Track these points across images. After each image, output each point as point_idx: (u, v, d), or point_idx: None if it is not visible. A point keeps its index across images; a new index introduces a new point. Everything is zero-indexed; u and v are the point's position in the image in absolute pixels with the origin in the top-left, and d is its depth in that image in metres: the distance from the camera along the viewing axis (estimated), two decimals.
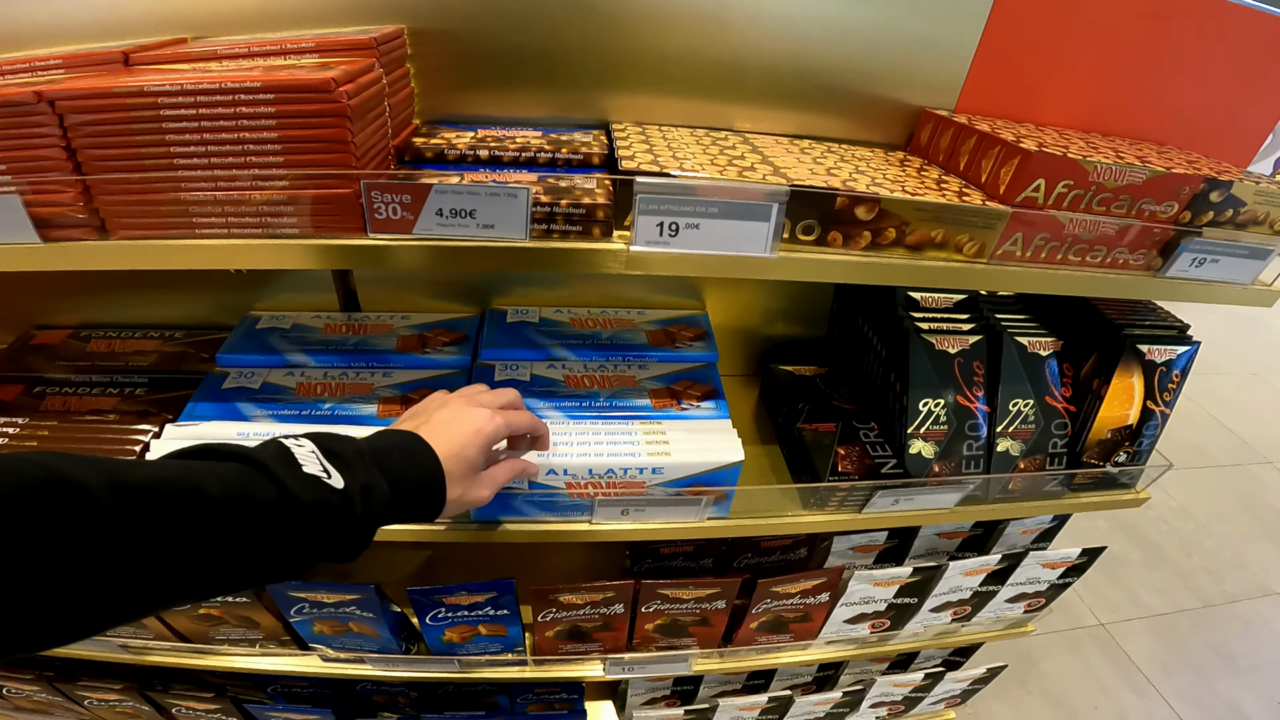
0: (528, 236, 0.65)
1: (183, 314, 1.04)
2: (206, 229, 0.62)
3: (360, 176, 0.60)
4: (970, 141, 0.80)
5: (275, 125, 0.57)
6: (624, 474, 0.79)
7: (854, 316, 1.09)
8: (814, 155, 0.81)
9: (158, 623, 1.00)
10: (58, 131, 0.57)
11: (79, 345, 0.97)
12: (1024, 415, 0.95)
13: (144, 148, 0.58)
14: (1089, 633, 2.42)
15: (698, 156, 0.74)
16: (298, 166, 0.59)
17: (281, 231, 0.63)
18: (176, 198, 0.60)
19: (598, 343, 0.96)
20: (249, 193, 0.60)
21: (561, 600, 0.99)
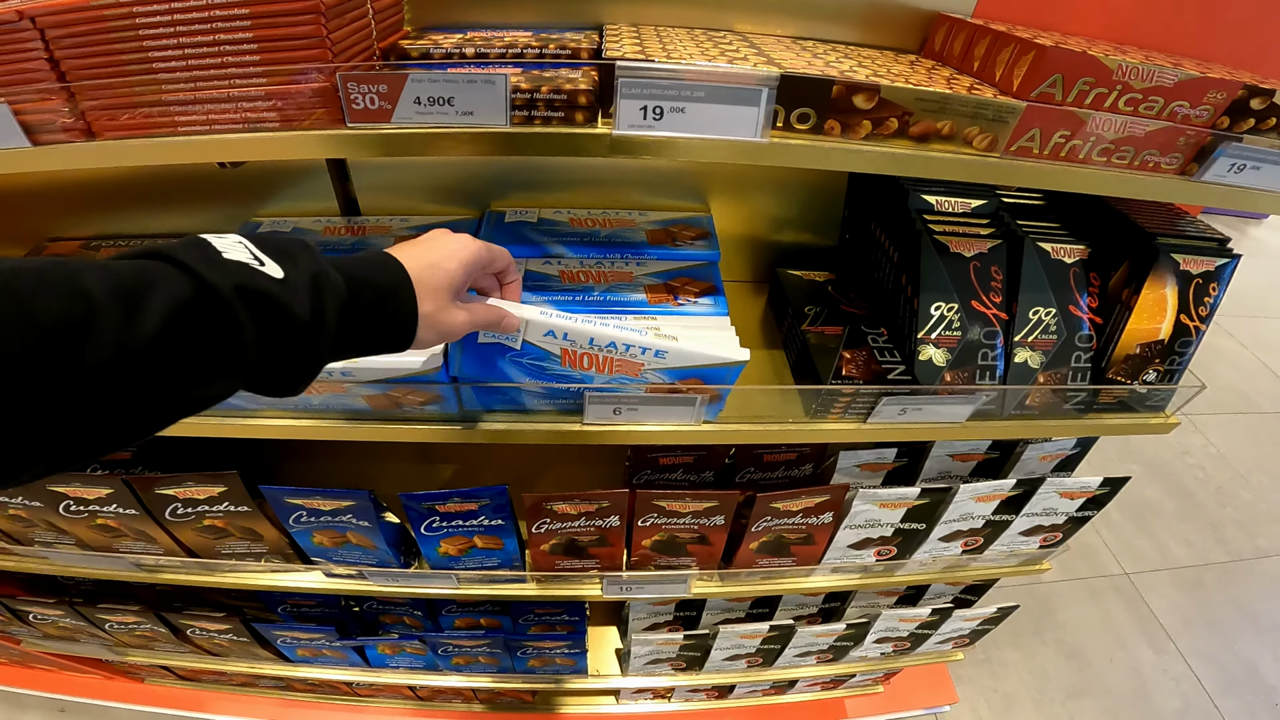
0: (508, 123, 0.68)
1: (190, 224, 1.11)
2: (188, 127, 0.68)
3: (336, 68, 0.65)
4: (984, 42, 0.80)
5: (250, 26, 0.62)
6: (625, 350, 0.80)
7: (866, 221, 1.10)
8: (815, 53, 0.83)
9: (165, 536, 1.11)
10: (40, 46, 0.64)
11: (88, 255, 1.04)
12: (1045, 325, 0.97)
13: (123, 55, 0.64)
14: (1111, 582, 2.48)
15: (689, 49, 0.76)
16: (275, 64, 0.64)
17: (262, 126, 0.68)
18: (158, 99, 0.66)
19: (595, 240, 1.01)
20: (227, 90, 0.66)
21: (555, 510, 1.06)
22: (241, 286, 0.42)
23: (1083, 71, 0.70)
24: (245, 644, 1.40)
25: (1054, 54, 0.69)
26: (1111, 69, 0.70)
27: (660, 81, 0.65)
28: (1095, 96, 0.72)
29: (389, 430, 0.91)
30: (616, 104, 0.67)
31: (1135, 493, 2.78)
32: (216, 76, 0.65)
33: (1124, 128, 0.73)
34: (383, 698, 1.77)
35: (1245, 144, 0.74)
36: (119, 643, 1.48)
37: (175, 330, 0.39)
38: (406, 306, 0.57)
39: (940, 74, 0.81)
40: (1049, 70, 0.70)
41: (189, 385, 0.42)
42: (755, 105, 0.67)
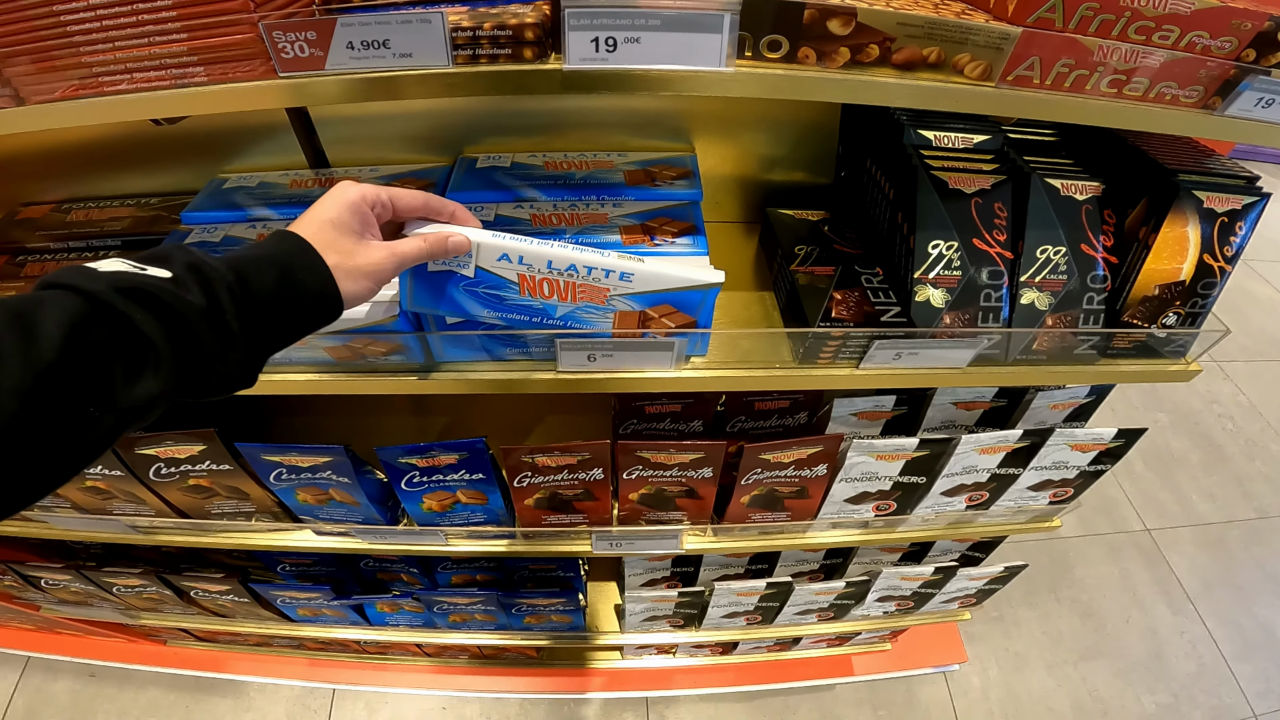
0: (451, 63, 0.66)
1: (159, 185, 1.13)
2: (114, 87, 0.68)
3: (259, 19, 0.63)
4: None
5: None
6: (588, 273, 0.77)
7: (861, 158, 1.06)
8: None
9: (153, 496, 1.14)
10: None
11: (60, 216, 1.06)
12: (1054, 264, 0.93)
13: (35, 20, 0.64)
14: (1132, 538, 2.46)
15: None
16: (192, 19, 0.63)
17: (190, 81, 0.67)
18: (78, 61, 0.66)
19: (571, 183, 0.98)
20: (148, 48, 0.65)
21: (536, 463, 1.07)
22: (125, 288, 0.45)
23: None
24: (247, 604, 1.46)
25: None
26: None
27: (610, 10, 0.62)
28: (1101, 23, 0.68)
29: (355, 383, 0.92)
30: (565, 36, 0.64)
31: (1160, 442, 2.74)
32: (135, 36, 0.64)
33: (1134, 57, 0.69)
34: (393, 654, 1.84)
35: (1275, 78, 0.69)
36: (129, 605, 1.55)
37: (76, 341, 0.42)
38: (310, 263, 0.58)
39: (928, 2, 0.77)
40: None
41: (113, 390, 0.44)
42: (717, 32, 0.64)
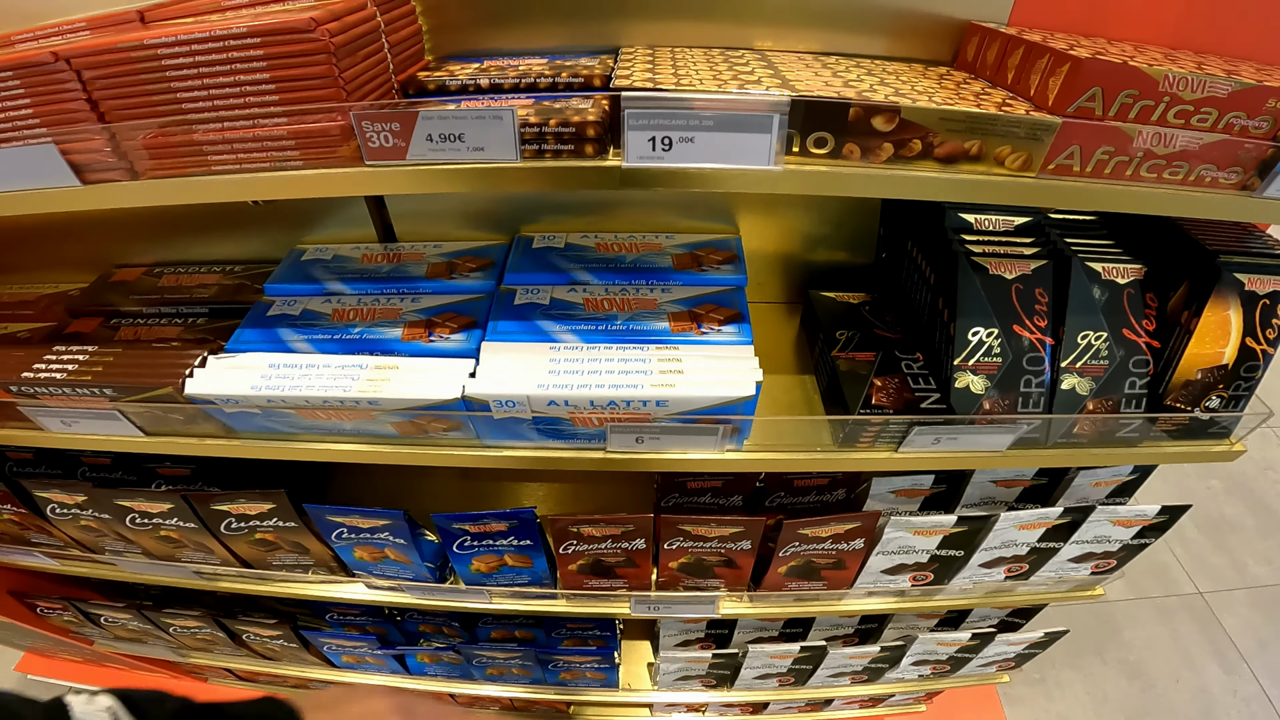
0: (519, 157, 0.66)
1: (243, 250, 1.15)
2: (220, 165, 0.69)
3: (350, 108, 0.64)
4: (1018, 53, 0.74)
5: (266, 67, 0.63)
6: (626, 406, 0.81)
7: (902, 239, 1.03)
8: (836, 70, 0.78)
9: (221, 547, 1.14)
10: (79, 86, 0.66)
11: (152, 280, 1.10)
12: (1095, 349, 0.89)
13: (154, 95, 0.66)
14: (1183, 601, 2.31)
15: (701, 73, 0.73)
16: (292, 104, 0.65)
17: (286, 164, 0.69)
18: (190, 139, 0.67)
19: (621, 266, 0.98)
20: (252, 130, 0.66)
21: (582, 532, 1.04)
22: None
23: (1125, 84, 0.63)
24: (295, 650, 1.44)
25: (1090, 66, 0.62)
26: (1157, 80, 0.63)
27: (666, 111, 0.62)
28: (1141, 110, 0.65)
29: (418, 454, 0.91)
30: (624, 135, 0.64)
31: (1214, 509, 2.59)
32: (241, 116, 0.66)
33: (1173, 141, 0.66)
34: (425, 702, 1.77)
35: None
36: (182, 645, 1.55)
37: None
38: None
39: (970, 89, 0.75)
40: (1086, 83, 0.64)
41: None
42: (766, 132, 0.63)
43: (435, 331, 0.89)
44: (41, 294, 1.15)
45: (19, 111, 0.68)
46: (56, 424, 0.93)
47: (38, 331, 1.01)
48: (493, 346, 0.86)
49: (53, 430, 0.94)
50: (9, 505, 1.10)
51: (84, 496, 1.05)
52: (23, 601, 1.42)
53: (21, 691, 0.49)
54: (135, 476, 1.17)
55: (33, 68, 0.64)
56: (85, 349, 0.92)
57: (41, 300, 1.12)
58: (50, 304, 1.10)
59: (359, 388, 0.82)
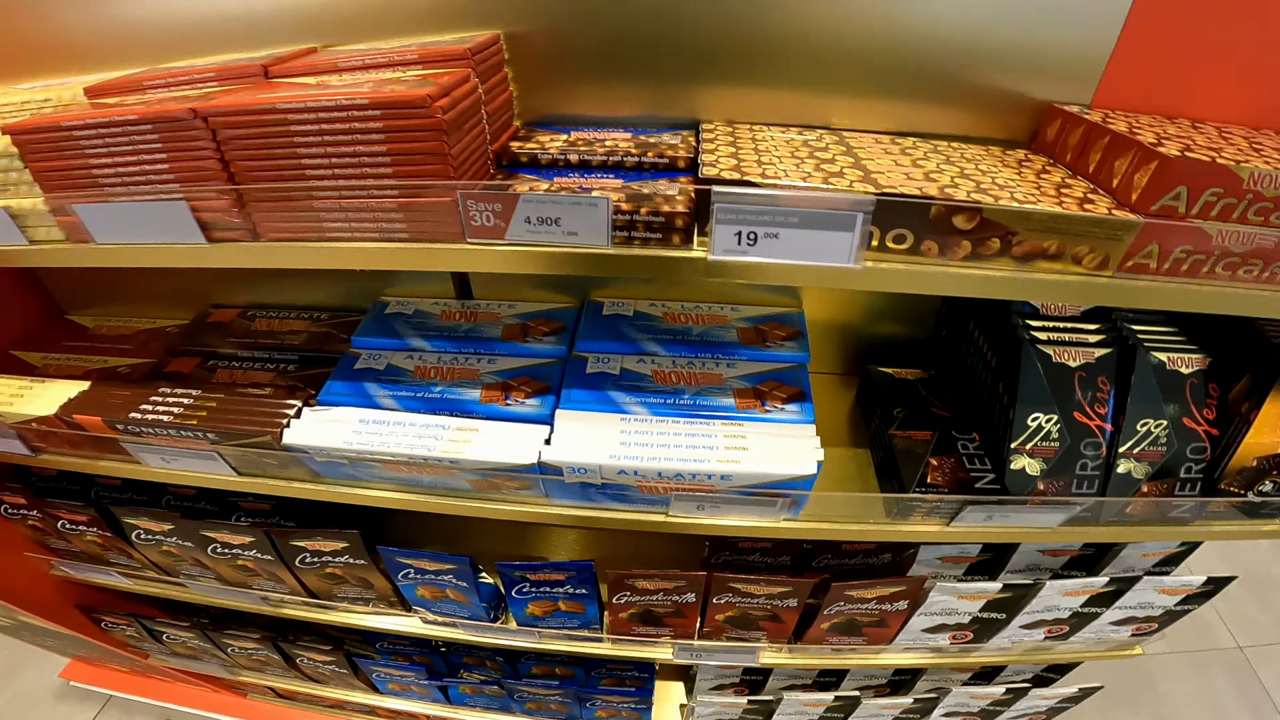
0: (609, 243, 0.68)
1: (328, 297, 1.19)
2: (334, 233, 0.72)
3: (458, 187, 0.66)
4: (1102, 142, 0.73)
5: (383, 139, 0.65)
6: (692, 478, 0.83)
7: (964, 319, 1.04)
8: (915, 156, 0.78)
9: (292, 579, 1.18)
10: (213, 145, 0.68)
11: (245, 324, 1.15)
12: (1154, 436, 0.88)
13: (281, 158, 0.68)
14: (1221, 655, 2.23)
15: (784, 161, 0.74)
16: (405, 178, 0.67)
17: (394, 235, 0.71)
18: (309, 204, 0.70)
19: (688, 339, 1.00)
20: (365, 200, 0.69)
21: (637, 585, 1.06)
22: None
23: (1211, 182, 0.63)
24: (345, 675, 1.47)
25: (1178, 165, 0.62)
26: (1243, 178, 0.62)
27: (754, 208, 0.63)
28: (1223, 208, 0.64)
29: (488, 509, 0.94)
30: (712, 229, 0.65)
31: (1260, 567, 2.51)
32: (358, 187, 0.68)
33: (1252, 240, 0.65)
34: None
35: None
36: (235, 664, 1.58)
37: None
38: None
39: (1050, 179, 0.74)
40: (1173, 182, 0.63)
41: None
42: (850, 230, 0.64)
43: (511, 395, 0.92)
44: (139, 329, 1.20)
45: (154, 165, 0.69)
46: (156, 460, 0.98)
47: (138, 368, 1.07)
48: (567, 415, 0.89)
49: (151, 465, 0.99)
50: (95, 529, 1.15)
51: (171, 526, 1.10)
52: (89, 615, 1.47)
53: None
54: (217, 507, 1.22)
55: (172, 122, 0.66)
56: (189, 393, 0.97)
57: (140, 335, 1.18)
58: (148, 340, 1.16)
59: (442, 447, 0.85)
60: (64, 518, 1.15)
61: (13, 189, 0.76)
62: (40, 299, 1.27)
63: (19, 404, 0.98)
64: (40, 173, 0.72)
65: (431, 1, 0.80)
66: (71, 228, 0.75)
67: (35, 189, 0.74)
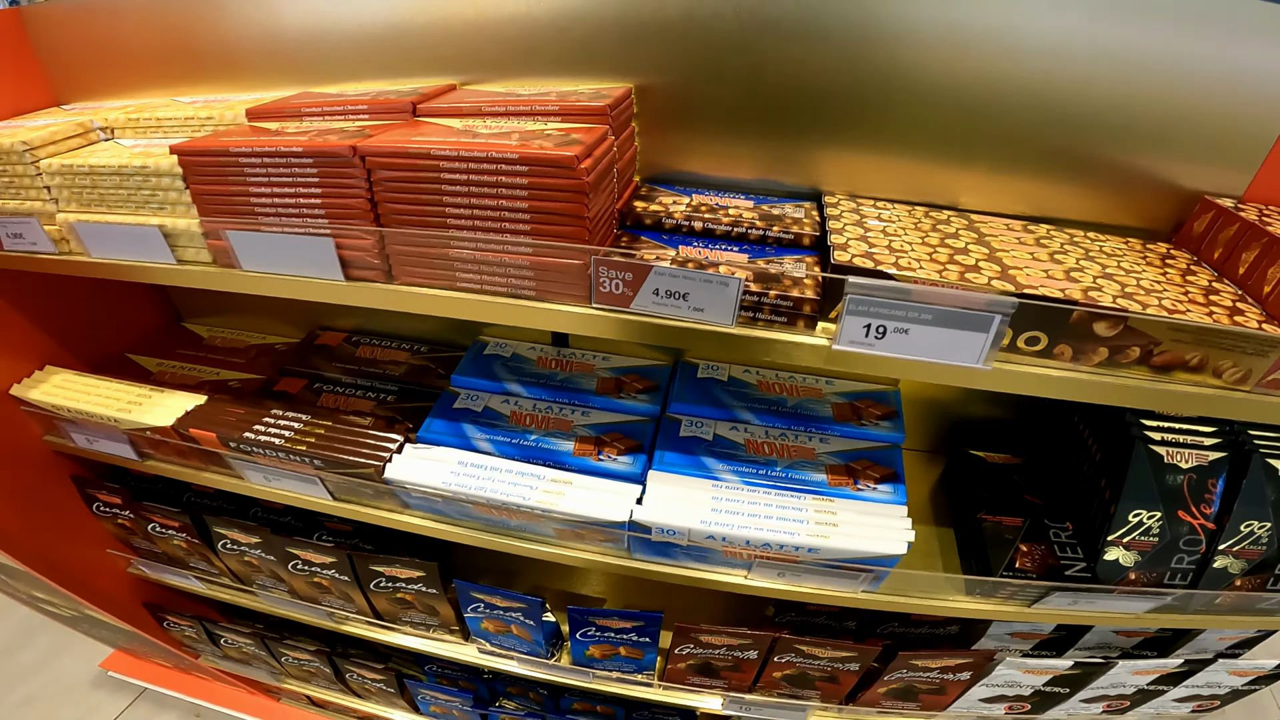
0: (734, 323, 0.66)
1: (430, 328, 1.19)
2: (465, 283, 0.70)
3: (590, 251, 0.65)
4: (1257, 246, 0.68)
5: (526, 195, 0.64)
6: (780, 549, 0.81)
7: (1068, 409, 0.99)
8: (1051, 249, 0.74)
9: (363, 600, 1.17)
10: (364, 184, 0.67)
11: (350, 349, 1.16)
12: (1257, 537, 0.84)
13: (426, 204, 0.67)
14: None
15: (916, 248, 0.71)
16: (542, 236, 0.66)
17: (522, 292, 0.69)
18: (446, 252, 0.69)
19: (782, 409, 0.97)
20: (500, 254, 0.67)
21: (701, 639, 1.04)
22: None
23: None
24: (391, 694, 1.46)
25: None
26: None
27: (890, 300, 0.60)
28: None
29: (571, 557, 0.93)
30: (841, 319, 0.62)
31: None
32: (494, 240, 0.66)
33: None
34: None
35: None
36: (285, 673, 1.58)
37: None
38: None
39: (1197, 281, 0.70)
40: None
41: None
42: (984, 331, 0.60)
43: (604, 451, 0.91)
44: (251, 343, 1.23)
45: (309, 198, 0.69)
46: (259, 478, 0.99)
47: (248, 384, 1.09)
48: (659, 476, 0.88)
49: (253, 482, 1.01)
50: (185, 534, 1.17)
51: (259, 539, 1.11)
52: (154, 613, 1.48)
53: None
54: (301, 524, 1.23)
55: (333, 158, 0.65)
56: (299, 416, 0.98)
57: (250, 350, 1.20)
58: (258, 356, 1.18)
59: (537, 498, 0.85)
60: (157, 521, 1.17)
61: (170, 208, 0.76)
62: (160, 306, 1.30)
63: (136, 411, 1.00)
64: (200, 195, 0.73)
65: (569, 51, 0.80)
66: (220, 251, 0.76)
67: (191, 210, 0.74)
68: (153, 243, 0.77)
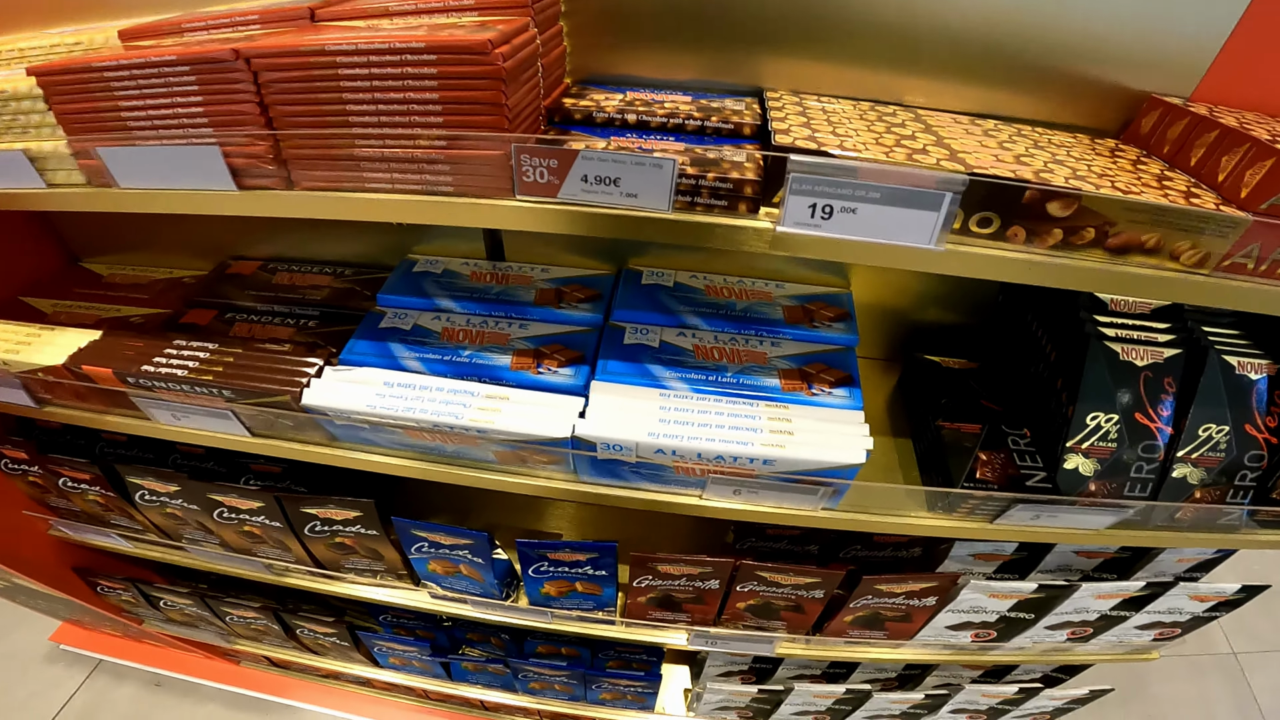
0: (670, 208, 0.63)
1: (354, 251, 1.14)
2: (374, 184, 0.66)
3: (512, 140, 0.61)
4: (1209, 136, 0.68)
5: (436, 86, 0.60)
6: (734, 461, 0.79)
7: (1023, 310, 0.99)
8: (1000, 139, 0.73)
9: (300, 547, 1.13)
10: (253, 88, 0.63)
11: (266, 277, 1.09)
12: (1215, 442, 0.84)
13: (325, 104, 0.63)
14: (1217, 660, 2.26)
15: (861, 134, 0.69)
16: (455, 127, 0.62)
17: (438, 188, 0.66)
18: (351, 153, 0.65)
19: (731, 314, 0.94)
20: (411, 151, 0.63)
21: (660, 570, 1.02)
22: None
23: None
24: (345, 648, 1.43)
25: None
26: None
27: (835, 179, 0.58)
28: None
29: (513, 483, 0.89)
30: (785, 199, 0.60)
31: (1261, 574, 2.52)
32: (404, 135, 0.63)
33: None
34: (452, 704, 1.77)
35: None
36: (232, 633, 1.54)
37: None
38: None
39: (1148, 170, 0.69)
40: None
41: None
42: (935, 210, 0.59)
43: (544, 363, 0.87)
44: (156, 278, 1.15)
45: (189, 108, 0.65)
46: (167, 416, 0.93)
47: (152, 319, 1.01)
48: (602, 387, 0.84)
49: (162, 422, 0.94)
50: (98, 487, 1.11)
51: (177, 487, 1.05)
52: (84, 578, 1.42)
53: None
54: (226, 469, 1.17)
55: (211, 64, 0.61)
56: (205, 345, 0.92)
57: (156, 285, 1.12)
58: (165, 290, 1.10)
59: (470, 416, 0.80)
60: (66, 475, 1.10)
61: (34, 131, 0.73)
62: (53, 244, 1.21)
63: (26, 352, 0.92)
64: (64, 115, 0.68)
65: None
66: (94, 171, 0.72)
67: (58, 132, 0.70)
68: (19, 168, 0.73)
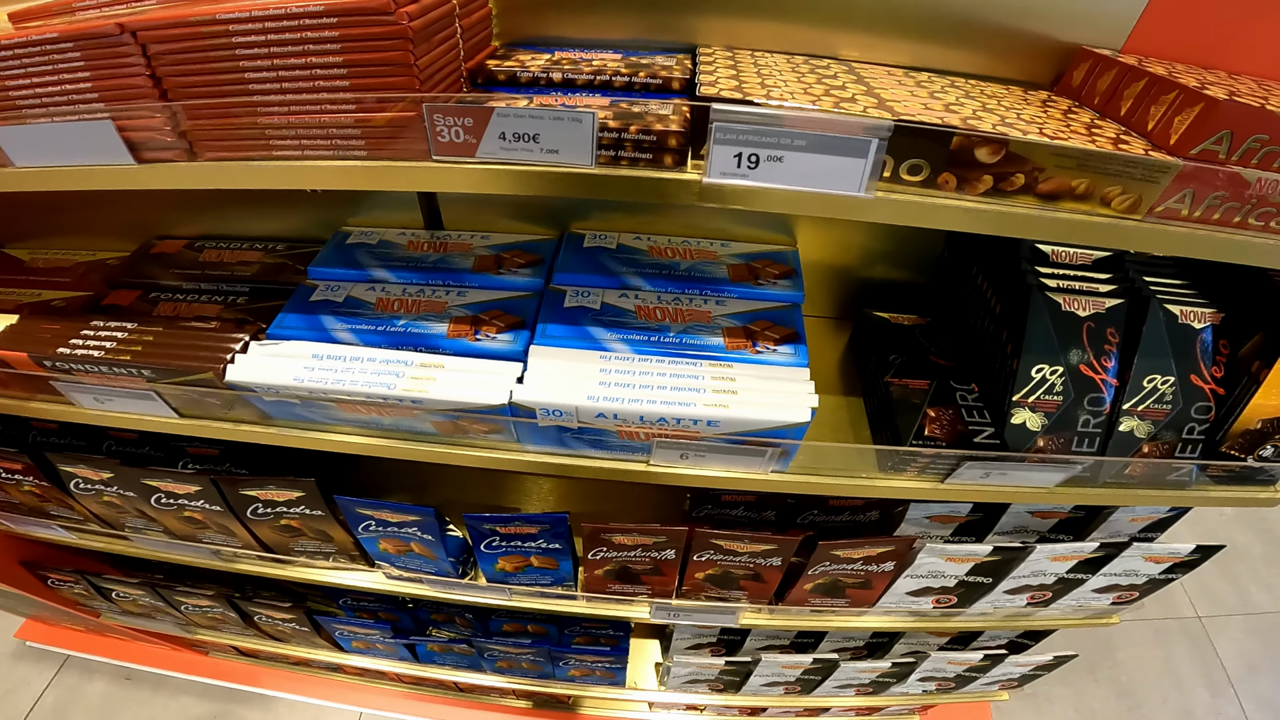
0: (594, 163, 0.63)
1: (286, 227, 1.12)
2: (282, 150, 0.66)
3: (422, 99, 0.60)
4: (1138, 85, 0.69)
5: (340, 49, 0.59)
6: (676, 424, 0.79)
7: (967, 264, 1.00)
8: (932, 89, 0.73)
9: (244, 531, 1.12)
10: (142, 61, 0.62)
11: (192, 255, 1.06)
12: (1160, 394, 0.86)
13: (221, 74, 0.62)
14: (1181, 624, 2.35)
15: (790, 85, 0.69)
16: (363, 90, 0.61)
17: (350, 153, 0.65)
18: (254, 121, 0.64)
19: (675, 273, 0.94)
20: (318, 116, 0.63)
21: (613, 540, 1.02)
22: None
23: (1257, 128, 0.60)
24: (306, 633, 1.43)
25: (1227, 108, 0.59)
26: None
27: (759, 127, 0.58)
28: (1265, 155, 0.62)
29: (455, 454, 0.89)
30: (709, 149, 0.60)
31: (1223, 535, 2.63)
32: (309, 101, 0.62)
33: None
34: (426, 687, 1.79)
35: None
36: (190, 622, 1.54)
37: None
38: None
39: (1079, 119, 0.70)
40: (1217, 125, 0.60)
41: None
42: (862, 157, 0.59)
43: (482, 330, 0.86)
44: (78, 261, 1.11)
45: (77, 85, 0.64)
46: (89, 400, 0.91)
47: (74, 301, 0.98)
48: (541, 351, 0.84)
49: (84, 406, 0.92)
50: (31, 477, 1.08)
51: (110, 474, 1.03)
52: (34, 572, 1.41)
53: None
54: (162, 453, 1.15)
55: (96, 39, 0.61)
56: (124, 325, 0.89)
57: (78, 268, 1.09)
58: (87, 272, 1.07)
59: (404, 385, 0.80)
60: None
61: None
62: None
63: None
64: None
65: None
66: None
67: None
68: None
